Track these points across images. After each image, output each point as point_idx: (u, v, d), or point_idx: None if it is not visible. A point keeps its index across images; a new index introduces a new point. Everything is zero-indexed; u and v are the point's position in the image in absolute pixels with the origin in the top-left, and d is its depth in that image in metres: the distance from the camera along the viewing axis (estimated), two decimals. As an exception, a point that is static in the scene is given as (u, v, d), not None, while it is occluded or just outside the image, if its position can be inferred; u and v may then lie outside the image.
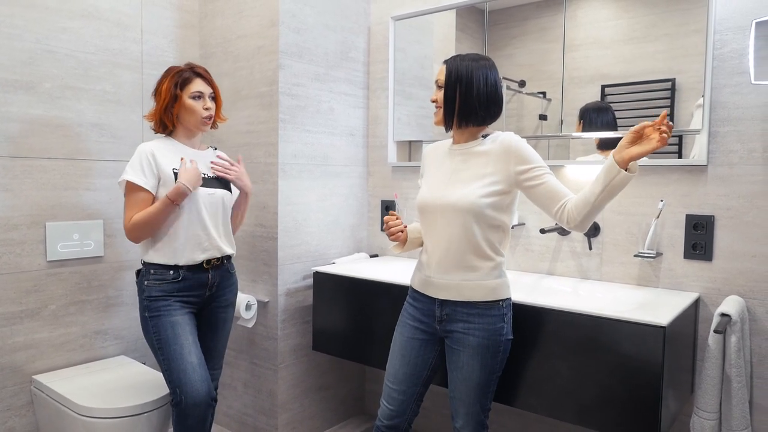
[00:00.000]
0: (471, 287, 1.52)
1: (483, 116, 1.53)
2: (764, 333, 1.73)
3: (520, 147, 1.50)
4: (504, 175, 1.50)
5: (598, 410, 1.55)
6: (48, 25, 2.03)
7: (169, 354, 1.71)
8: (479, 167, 1.52)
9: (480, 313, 1.52)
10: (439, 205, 1.55)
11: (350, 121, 2.53)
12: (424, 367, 1.64)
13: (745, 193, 1.75)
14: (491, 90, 1.53)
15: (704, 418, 1.63)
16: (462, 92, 1.52)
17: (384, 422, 1.67)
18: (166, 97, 1.77)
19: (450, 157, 1.60)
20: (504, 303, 1.55)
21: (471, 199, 1.49)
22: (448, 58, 1.58)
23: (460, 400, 1.56)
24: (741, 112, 1.74)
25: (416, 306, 1.63)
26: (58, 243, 2.08)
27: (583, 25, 2.03)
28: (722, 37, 1.76)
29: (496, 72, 1.55)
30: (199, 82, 1.80)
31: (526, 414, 2.21)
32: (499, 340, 1.53)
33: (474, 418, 1.56)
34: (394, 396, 1.65)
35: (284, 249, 2.27)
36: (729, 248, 1.77)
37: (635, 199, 1.93)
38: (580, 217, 1.44)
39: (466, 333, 1.53)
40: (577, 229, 1.47)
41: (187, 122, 1.81)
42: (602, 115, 2.00)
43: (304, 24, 2.28)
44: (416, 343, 1.63)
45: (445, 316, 1.56)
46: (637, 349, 1.49)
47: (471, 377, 1.53)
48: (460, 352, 1.54)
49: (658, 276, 1.90)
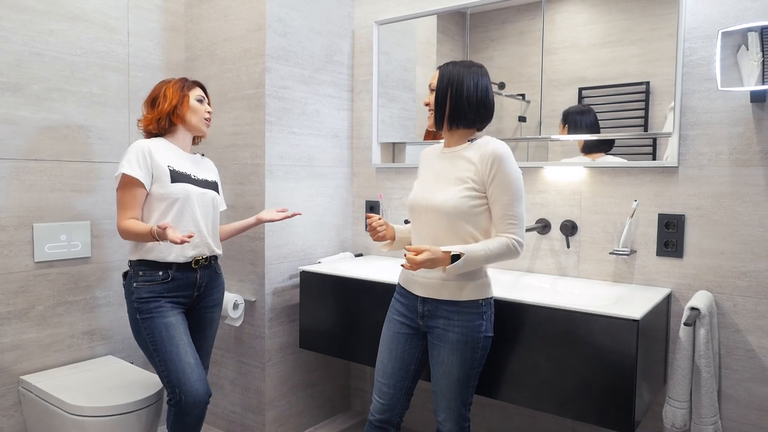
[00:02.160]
0: (452, 286, 1.58)
1: (473, 118, 1.59)
2: (731, 326, 1.82)
3: (504, 162, 1.53)
4: (482, 180, 1.55)
5: (576, 401, 1.62)
6: (35, 27, 2.05)
7: (165, 355, 1.74)
8: (463, 171, 1.58)
9: (460, 310, 1.58)
10: (425, 206, 1.61)
11: (335, 123, 2.57)
12: (411, 361, 1.69)
13: (713, 193, 1.83)
14: (481, 94, 1.58)
15: (675, 407, 1.71)
16: (453, 95, 1.57)
17: (376, 416, 1.73)
18: (174, 97, 1.84)
19: (439, 160, 1.66)
20: (484, 302, 1.61)
21: (453, 201, 1.55)
22: (442, 65, 1.64)
23: (441, 394, 1.63)
24: (709, 116, 1.82)
25: (401, 302, 1.70)
26: (45, 244, 2.10)
27: (561, 29, 2.09)
28: (692, 44, 1.84)
29: (487, 78, 1.62)
30: (199, 90, 1.92)
31: (508, 406, 2.28)
32: (478, 337, 1.59)
33: (455, 412, 1.63)
34: (384, 390, 1.71)
35: (271, 249, 2.31)
36: (698, 246, 1.86)
37: (611, 199, 2.01)
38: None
39: (446, 329, 1.59)
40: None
41: (190, 121, 1.87)
42: (585, 117, 2.06)
43: (290, 28, 2.32)
44: (402, 337, 1.69)
45: (426, 312, 1.62)
46: (612, 342, 1.56)
47: (451, 372, 1.59)
48: (441, 347, 1.60)
49: (632, 272, 1.98)
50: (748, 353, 1.80)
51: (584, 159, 2.08)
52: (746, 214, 1.78)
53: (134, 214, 1.77)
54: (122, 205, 1.77)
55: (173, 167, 1.81)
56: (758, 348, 1.78)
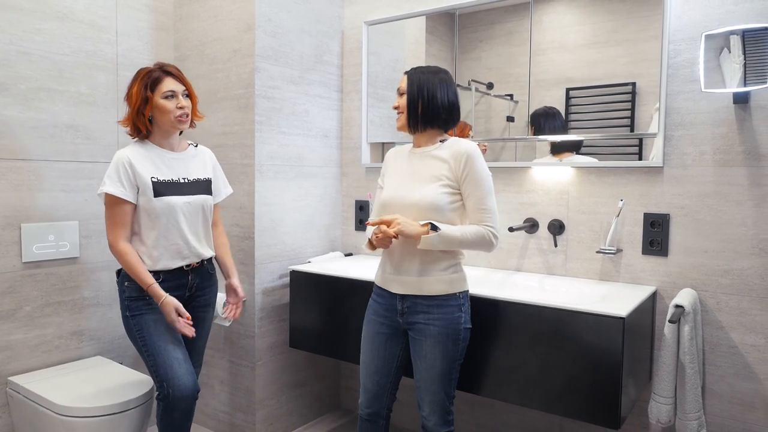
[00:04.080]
0: (429, 282, 1.63)
1: (445, 120, 1.67)
2: (715, 323, 1.85)
3: (475, 159, 1.61)
4: (456, 177, 1.62)
5: (563, 397, 1.65)
6: (22, 26, 2.03)
7: (154, 350, 1.74)
8: (437, 169, 1.63)
9: (438, 304, 1.63)
10: (401, 204, 1.65)
11: (325, 123, 2.58)
12: (392, 360, 1.74)
13: (697, 192, 1.87)
14: (452, 97, 1.67)
15: (661, 402, 1.74)
16: (425, 99, 1.64)
17: (365, 410, 1.79)
18: (137, 100, 1.73)
19: (410, 160, 1.71)
20: (461, 294, 1.66)
21: (431, 198, 1.60)
22: (409, 70, 1.71)
23: (425, 389, 1.67)
24: (693, 117, 1.86)
25: (379, 302, 1.74)
26: (33, 244, 2.08)
27: (549, 29, 2.11)
28: (676, 46, 1.87)
29: (454, 84, 1.70)
30: (170, 81, 1.75)
31: (496, 404, 2.31)
32: (458, 329, 1.64)
33: (439, 405, 1.66)
34: (368, 387, 1.77)
35: (261, 248, 2.32)
36: (683, 244, 1.89)
37: (597, 199, 2.04)
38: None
39: (427, 324, 1.63)
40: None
41: (161, 123, 1.76)
42: (550, 120, 2.12)
43: (279, 28, 2.32)
44: (382, 337, 1.73)
45: (406, 309, 1.67)
46: (598, 339, 1.59)
47: (434, 365, 1.64)
48: (423, 342, 1.64)
49: (618, 271, 2.01)
50: (731, 350, 1.83)
51: (553, 159, 2.13)
52: (729, 213, 1.81)
53: (127, 233, 1.75)
54: (112, 222, 1.73)
55: (156, 178, 1.75)
56: (741, 344, 1.82)
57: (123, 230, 1.74)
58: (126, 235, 1.75)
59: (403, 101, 1.68)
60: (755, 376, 1.80)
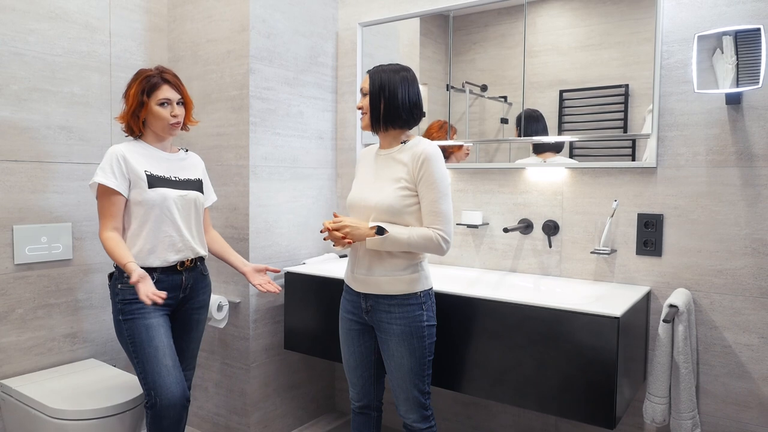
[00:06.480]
0: (389, 282, 1.65)
1: (406, 119, 1.67)
2: (709, 323, 1.86)
3: (431, 161, 1.60)
4: (413, 179, 1.62)
5: (558, 397, 1.65)
6: (15, 26, 2.02)
7: (143, 357, 1.73)
8: (397, 171, 1.65)
9: (400, 303, 1.65)
10: (364, 205, 1.67)
11: (319, 125, 2.58)
12: (368, 354, 1.77)
13: (690, 193, 1.88)
14: (413, 97, 1.67)
15: (655, 402, 1.75)
16: (386, 99, 1.64)
17: (356, 404, 1.85)
18: (133, 103, 1.77)
19: (376, 162, 1.73)
20: (423, 293, 1.67)
21: (389, 200, 1.62)
22: (371, 69, 1.71)
23: (398, 387, 1.69)
24: (686, 118, 1.87)
25: (348, 299, 1.78)
26: (25, 246, 2.07)
27: (542, 32, 2.12)
28: (669, 48, 1.89)
29: (417, 81, 1.69)
30: (166, 89, 1.79)
31: (492, 404, 2.31)
32: (421, 326, 1.65)
33: (414, 403, 1.69)
34: (354, 381, 1.82)
35: (255, 250, 2.31)
36: (677, 244, 1.90)
37: (591, 200, 2.04)
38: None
39: (390, 323, 1.66)
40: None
41: (154, 128, 1.81)
42: (533, 123, 2.14)
43: (274, 29, 2.32)
44: (354, 333, 1.77)
45: (369, 307, 1.70)
46: (593, 339, 1.59)
47: (402, 364, 1.66)
48: (388, 340, 1.67)
49: (612, 271, 2.02)
50: (724, 349, 1.84)
51: (536, 159, 2.15)
52: (723, 213, 1.82)
53: (115, 224, 1.75)
54: (102, 214, 1.75)
55: (150, 171, 1.78)
56: (734, 344, 1.83)
57: (111, 221, 1.74)
58: (114, 226, 1.75)
59: (366, 101, 1.68)
60: (749, 376, 1.81)
